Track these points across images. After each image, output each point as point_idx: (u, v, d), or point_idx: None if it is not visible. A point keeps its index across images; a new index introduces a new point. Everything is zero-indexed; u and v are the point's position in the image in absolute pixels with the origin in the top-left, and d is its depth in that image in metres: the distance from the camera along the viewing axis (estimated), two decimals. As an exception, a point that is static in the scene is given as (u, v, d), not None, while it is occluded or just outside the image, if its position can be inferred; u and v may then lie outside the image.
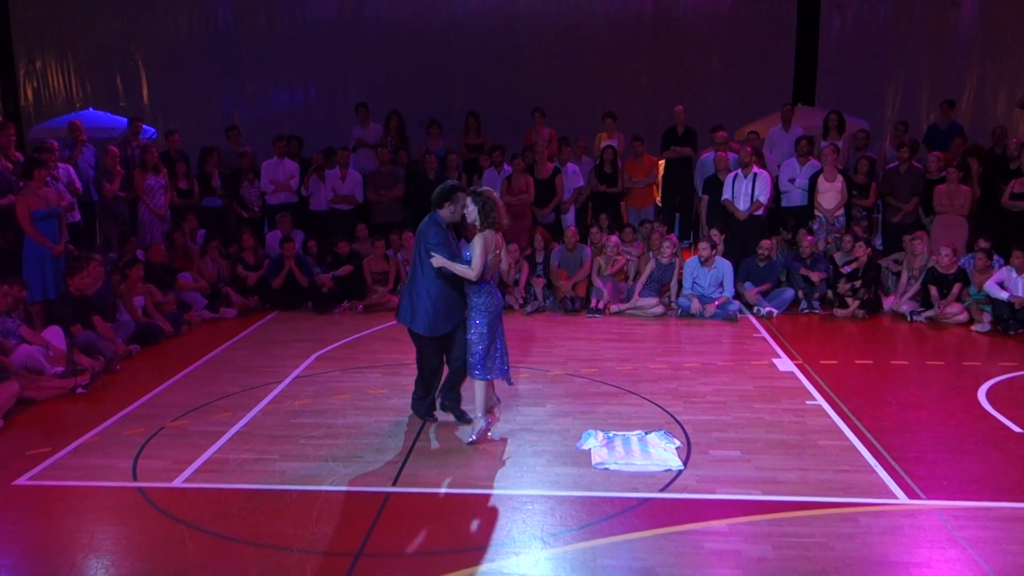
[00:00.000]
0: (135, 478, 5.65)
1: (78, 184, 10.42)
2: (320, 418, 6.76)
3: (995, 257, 10.13)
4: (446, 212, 6.21)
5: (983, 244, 10.07)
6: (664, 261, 10.51)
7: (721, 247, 10.66)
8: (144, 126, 13.01)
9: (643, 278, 10.51)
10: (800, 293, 10.50)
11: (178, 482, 5.58)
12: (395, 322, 9.86)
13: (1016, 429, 6.42)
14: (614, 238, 10.92)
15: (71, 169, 10.48)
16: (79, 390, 7.41)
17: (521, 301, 10.65)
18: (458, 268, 6.06)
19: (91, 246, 10.82)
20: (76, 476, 5.69)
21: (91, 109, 14.86)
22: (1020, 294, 9.32)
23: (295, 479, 5.60)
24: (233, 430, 6.49)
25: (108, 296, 9.00)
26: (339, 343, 9.14)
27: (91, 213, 11.23)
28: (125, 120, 13.17)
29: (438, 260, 6.08)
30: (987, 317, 9.51)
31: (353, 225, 11.56)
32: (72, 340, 8.06)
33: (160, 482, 5.57)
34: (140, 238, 11.04)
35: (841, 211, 11.19)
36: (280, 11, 16.12)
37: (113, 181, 11.04)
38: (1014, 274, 9.46)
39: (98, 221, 11.50)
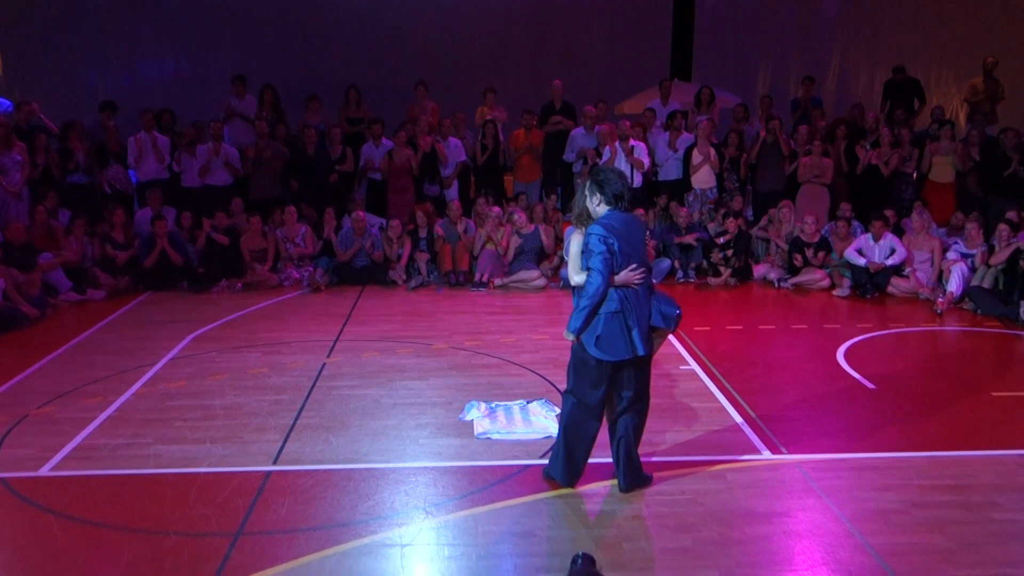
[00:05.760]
0: (-2, 468, 5.41)
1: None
2: (197, 400, 6.61)
3: (854, 224, 10.75)
4: None
5: (846, 211, 10.66)
6: (526, 232, 10.66)
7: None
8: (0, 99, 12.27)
9: (509, 254, 10.61)
10: (676, 263, 10.85)
11: (45, 471, 5.38)
12: (276, 300, 9.83)
13: (870, 386, 6.86)
14: (496, 209, 11.00)
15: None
16: (-66, 379, 7.01)
17: (404, 276, 10.63)
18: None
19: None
20: (-68, 469, 5.41)
21: (-62, 81, 13.91)
22: (877, 260, 9.91)
23: (170, 462, 5.47)
24: (104, 415, 6.28)
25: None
26: (217, 323, 8.91)
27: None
28: (-23, 93, 12.39)
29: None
30: (847, 282, 10.07)
31: (228, 202, 11.24)
32: (-76, 327, 7.60)
33: (25, 471, 5.35)
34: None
35: (714, 183, 11.60)
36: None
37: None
38: (871, 241, 10.05)
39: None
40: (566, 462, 4.99)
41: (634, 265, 4.67)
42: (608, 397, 4.90)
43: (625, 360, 4.73)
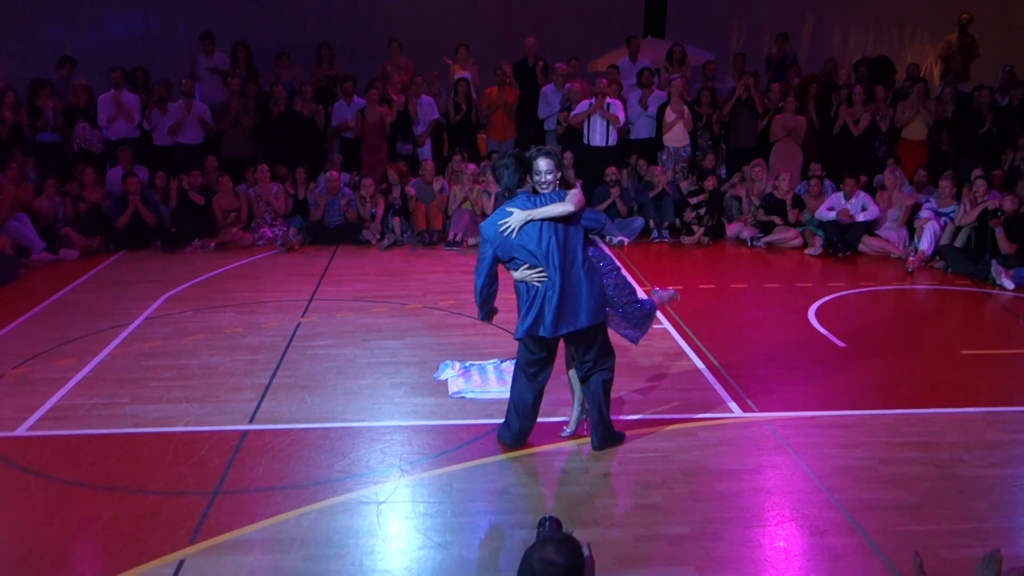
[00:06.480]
0: (-28, 429, 5.40)
1: None
2: (173, 359, 6.61)
3: (827, 183, 10.82)
4: None
5: (816, 170, 10.72)
6: (493, 189, 10.64)
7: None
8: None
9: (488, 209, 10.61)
10: (651, 222, 10.88)
11: (22, 430, 5.39)
12: (250, 260, 9.77)
13: (840, 344, 6.97)
14: (471, 166, 10.95)
15: None
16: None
17: (378, 236, 10.59)
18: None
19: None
20: (-94, 430, 5.39)
21: None
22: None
23: (147, 422, 5.49)
24: (79, 375, 6.27)
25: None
26: (191, 283, 8.86)
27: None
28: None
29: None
30: (819, 241, 10.15)
31: (200, 160, 11.09)
32: None
33: (2, 431, 5.34)
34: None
35: (687, 141, 11.60)
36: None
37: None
38: (843, 200, 10.12)
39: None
40: (509, 423, 5.10)
41: (527, 264, 4.72)
42: (575, 364, 5.08)
43: (550, 337, 4.80)
